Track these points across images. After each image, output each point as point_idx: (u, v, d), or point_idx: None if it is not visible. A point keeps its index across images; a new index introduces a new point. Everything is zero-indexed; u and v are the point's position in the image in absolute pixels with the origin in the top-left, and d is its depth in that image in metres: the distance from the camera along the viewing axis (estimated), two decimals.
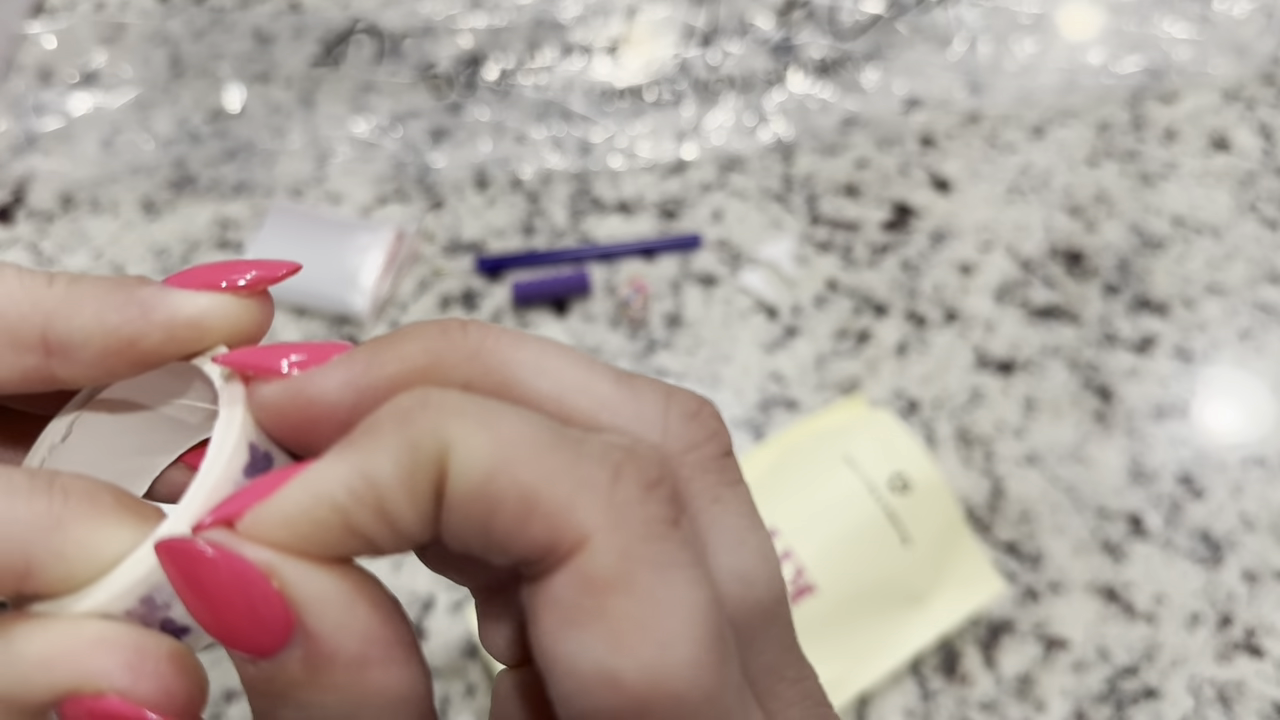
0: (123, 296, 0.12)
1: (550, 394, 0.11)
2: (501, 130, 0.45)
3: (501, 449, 0.10)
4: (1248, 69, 0.47)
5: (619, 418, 0.11)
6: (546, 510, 0.10)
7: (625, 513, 0.10)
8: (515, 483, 0.10)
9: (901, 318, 0.41)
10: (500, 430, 0.10)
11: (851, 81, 0.47)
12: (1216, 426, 0.38)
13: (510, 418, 0.10)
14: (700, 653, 0.10)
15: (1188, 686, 0.33)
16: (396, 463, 0.10)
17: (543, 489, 0.10)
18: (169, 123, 0.46)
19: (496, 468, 0.10)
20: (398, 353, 0.11)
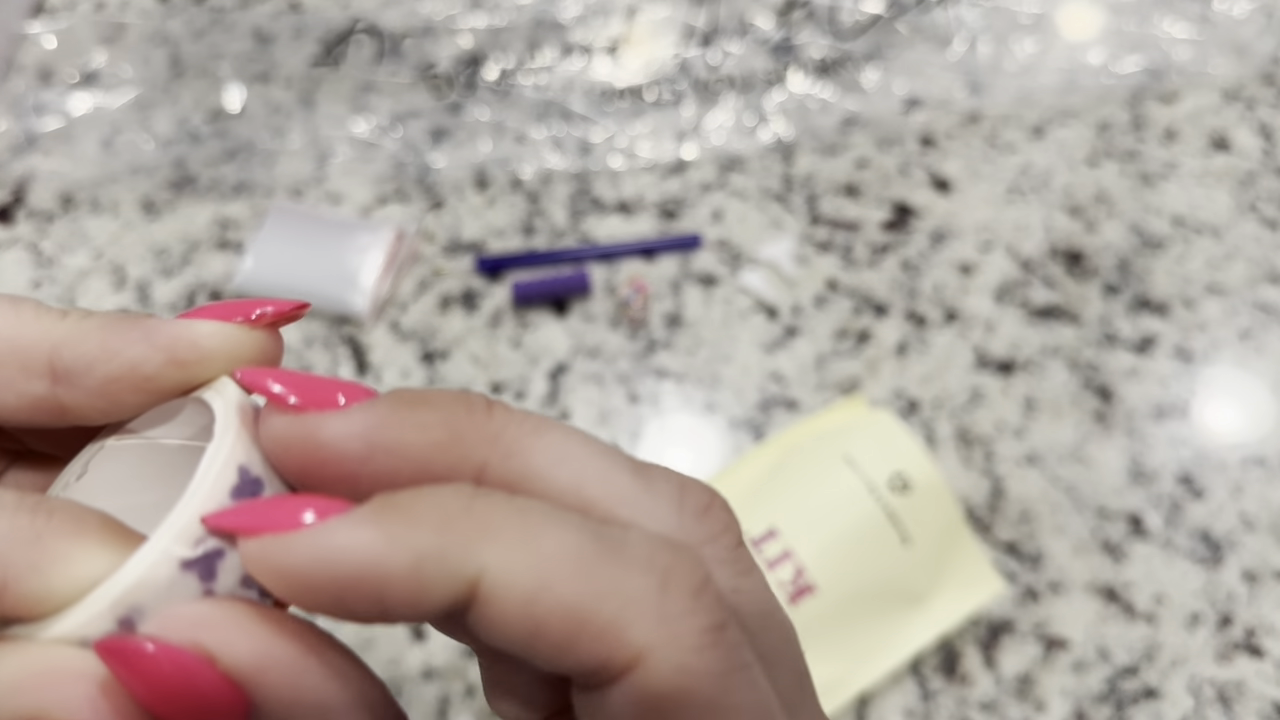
0: (128, 324, 0.12)
1: (569, 485, 0.11)
2: (501, 130, 0.45)
3: (545, 569, 0.10)
4: (1248, 69, 0.47)
5: (636, 510, 0.11)
6: (597, 630, 0.10)
7: (678, 626, 0.10)
8: (561, 604, 0.10)
9: (901, 318, 0.41)
10: (542, 547, 0.10)
11: (851, 81, 0.47)
12: (1216, 426, 0.38)
13: (552, 530, 0.10)
14: None
15: (1188, 686, 0.33)
16: (423, 566, 0.10)
17: (591, 607, 0.10)
18: (169, 123, 0.46)
19: (540, 590, 0.10)
20: (419, 419, 0.11)
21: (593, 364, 0.40)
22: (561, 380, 0.39)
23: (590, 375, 0.39)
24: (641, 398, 0.39)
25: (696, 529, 0.12)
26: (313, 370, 0.40)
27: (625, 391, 0.39)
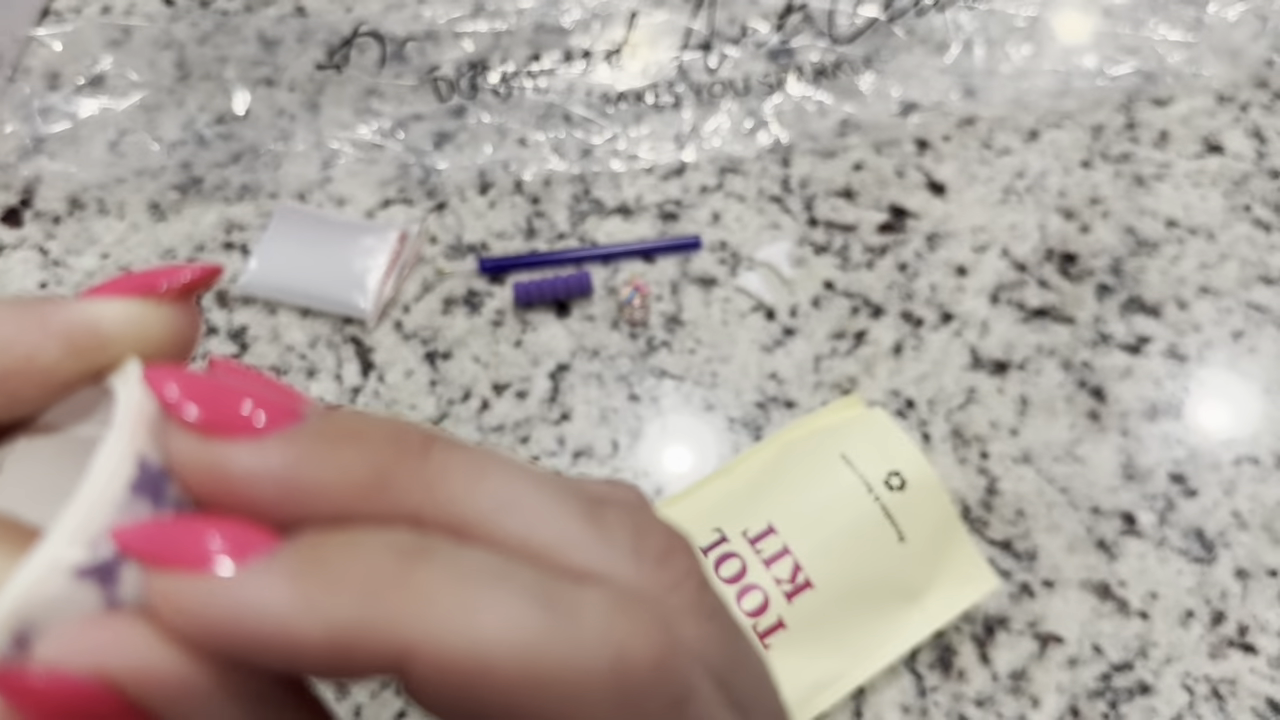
0: (21, 310, 0.10)
1: (518, 533, 0.10)
2: (504, 133, 0.46)
3: (484, 652, 0.09)
4: (1241, 72, 0.48)
5: (590, 558, 0.10)
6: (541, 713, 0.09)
7: (635, 710, 0.09)
8: (502, 691, 0.09)
9: (897, 318, 0.41)
10: (483, 626, 0.09)
11: (848, 85, 0.47)
12: (1209, 426, 0.39)
13: (496, 602, 0.09)
14: None
15: (1181, 683, 0.34)
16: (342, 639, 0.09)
17: (537, 696, 0.09)
18: (175, 126, 0.46)
19: (478, 674, 0.09)
20: (341, 460, 0.10)
21: (593, 364, 0.40)
22: (562, 380, 0.40)
23: (591, 375, 0.40)
24: (641, 397, 0.39)
25: (657, 577, 0.11)
26: (317, 370, 0.40)
27: (625, 391, 0.39)
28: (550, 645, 0.09)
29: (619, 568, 0.10)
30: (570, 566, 0.10)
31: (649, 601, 0.10)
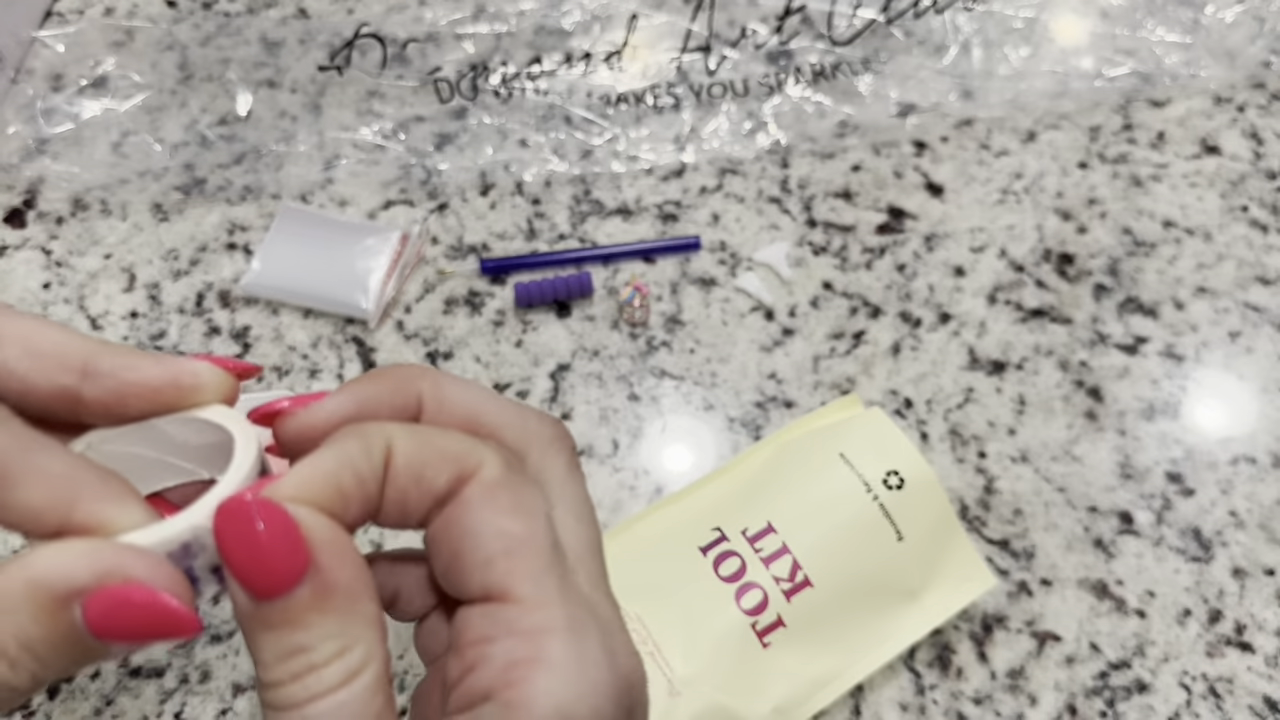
0: (146, 353, 0.16)
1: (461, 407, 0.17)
2: (505, 135, 0.46)
3: (424, 437, 0.16)
4: (1237, 74, 0.48)
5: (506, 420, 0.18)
6: (456, 455, 0.16)
7: (499, 458, 0.16)
8: (437, 449, 0.16)
9: (896, 319, 0.41)
10: (418, 431, 0.16)
11: (847, 87, 0.47)
12: (1206, 425, 0.39)
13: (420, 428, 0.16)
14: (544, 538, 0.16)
15: (1178, 681, 0.34)
16: (365, 445, 0.15)
17: (449, 449, 0.16)
18: (178, 127, 0.47)
19: (423, 445, 0.16)
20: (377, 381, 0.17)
21: (594, 364, 0.40)
22: (563, 380, 0.40)
23: (591, 375, 0.40)
24: (641, 397, 0.40)
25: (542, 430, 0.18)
26: (320, 370, 0.40)
27: (625, 391, 0.40)
28: (451, 440, 0.16)
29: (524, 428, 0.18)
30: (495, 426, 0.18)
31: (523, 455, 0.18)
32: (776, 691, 0.31)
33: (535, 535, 0.15)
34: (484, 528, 0.15)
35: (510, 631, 0.14)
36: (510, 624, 0.15)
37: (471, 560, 0.15)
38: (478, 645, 0.15)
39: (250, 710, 0.33)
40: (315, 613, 0.14)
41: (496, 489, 0.16)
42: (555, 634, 0.14)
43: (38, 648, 0.13)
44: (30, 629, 0.13)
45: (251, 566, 0.13)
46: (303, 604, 0.14)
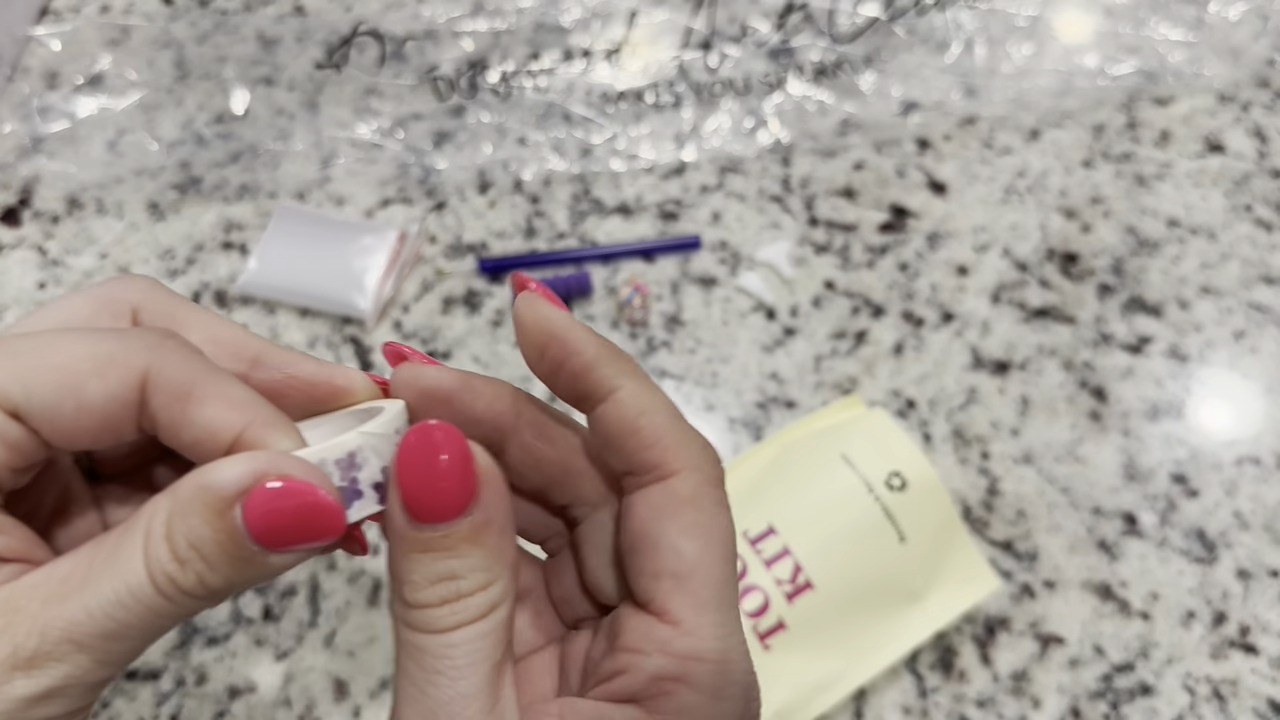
0: (308, 355, 0.18)
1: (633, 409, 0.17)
2: (503, 133, 0.46)
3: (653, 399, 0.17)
4: (1242, 72, 0.47)
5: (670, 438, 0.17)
6: (664, 445, 0.17)
7: (702, 473, 0.16)
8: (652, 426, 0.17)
9: (898, 318, 0.41)
10: (647, 387, 0.17)
11: (849, 85, 0.47)
12: (1211, 426, 0.38)
13: (657, 391, 0.18)
14: None
15: (1182, 683, 0.33)
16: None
17: (661, 437, 0.17)
18: (174, 125, 0.46)
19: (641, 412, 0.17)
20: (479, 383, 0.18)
21: None
22: None
23: None
24: None
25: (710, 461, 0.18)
26: None
27: None
28: (692, 484, 0.16)
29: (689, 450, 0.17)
30: None
31: None
32: (778, 695, 0.31)
33: (708, 564, 0.16)
34: (662, 540, 0.16)
35: (664, 650, 0.15)
36: (665, 644, 0.15)
37: (642, 567, 0.16)
38: (631, 653, 0.15)
39: (246, 713, 0.33)
40: (470, 544, 0.15)
41: (684, 505, 0.16)
42: (704, 664, 0.15)
43: (205, 548, 0.14)
44: (200, 529, 0.14)
45: (424, 490, 0.14)
46: (461, 533, 0.15)
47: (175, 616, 0.15)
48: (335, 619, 0.35)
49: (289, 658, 0.34)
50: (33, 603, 0.14)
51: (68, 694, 0.14)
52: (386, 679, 0.34)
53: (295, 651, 0.34)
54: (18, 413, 0.14)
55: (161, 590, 0.14)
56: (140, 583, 0.14)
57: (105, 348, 0.15)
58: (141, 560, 0.14)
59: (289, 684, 0.34)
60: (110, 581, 0.14)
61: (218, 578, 0.14)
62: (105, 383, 0.15)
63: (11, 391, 0.14)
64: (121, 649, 0.14)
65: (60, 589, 0.14)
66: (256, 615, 0.35)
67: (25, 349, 0.15)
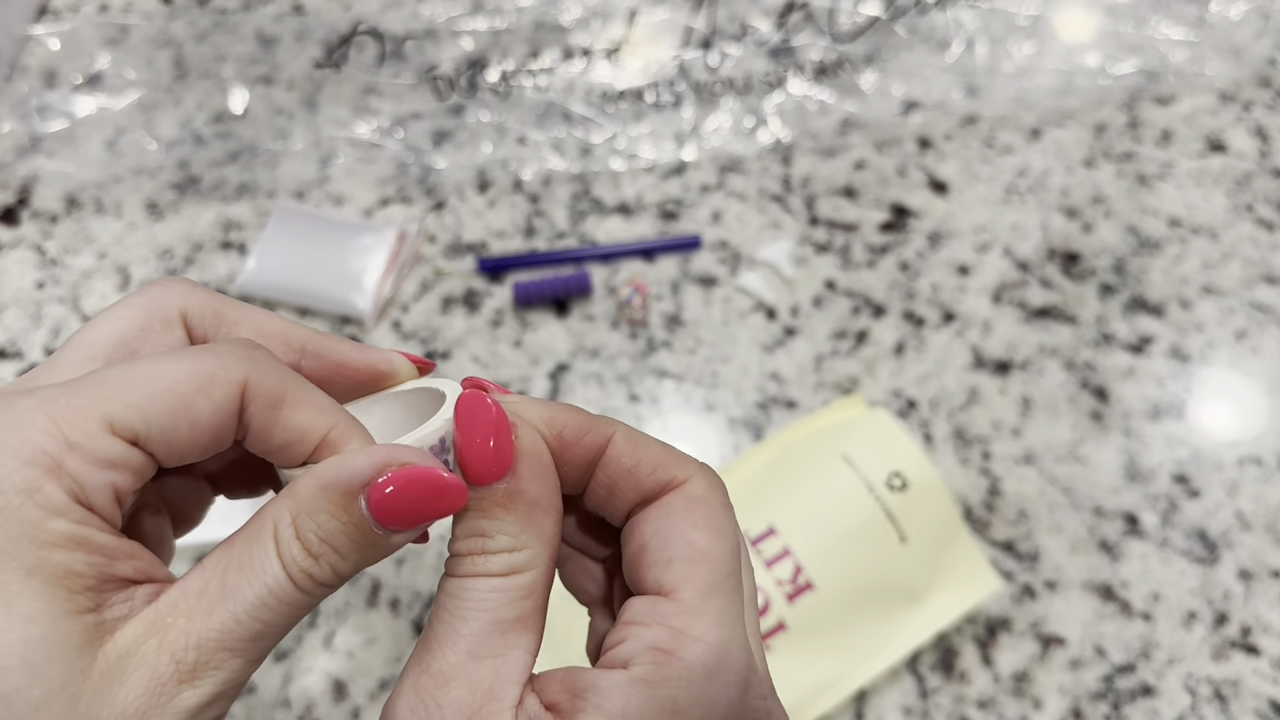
0: (353, 341, 0.20)
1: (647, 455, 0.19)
2: (503, 132, 0.46)
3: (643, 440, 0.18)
4: (1244, 71, 0.47)
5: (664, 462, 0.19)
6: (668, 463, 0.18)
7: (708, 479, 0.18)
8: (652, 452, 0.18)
9: (899, 318, 0.41)
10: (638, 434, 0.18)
11: (850, 84, 0.47)
12: (1213, 426, 0.38)
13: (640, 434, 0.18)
14: None
15: (1184, 684, 0.33)
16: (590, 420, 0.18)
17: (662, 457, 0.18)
18: (173, 124, 0.46)
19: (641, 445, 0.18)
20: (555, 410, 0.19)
21: (593, 364, 0.40)
22: (562, 380, 0.40)
23: (591, 375, 0.40)
24: (641, 397, 0.39)
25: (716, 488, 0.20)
26: None
27: (625, 391, 0.39)
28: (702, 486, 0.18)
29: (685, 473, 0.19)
30: None
31: None
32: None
33: (718, 554, 0.17)
34: (674, 534, 0.17)
35: (663, 623, 0.16)
36: (665, 617, 0.16)
37: (654, 559, 0.17)
38: (633, 625, 0.16)
39: (246, 713, 0.33)
40: (501, 509, 0.16)
41: (696, 504, 0.17)
42: (700, 644, 0.16)
43: (336, 540, 0.16)
44: (329, 524, 0.15)
45: (469, 452, 0.16)
46: (494, 498, 0.16)
47: (310, 606, 0.16)
48: (335, 619, 0.35)
49: (289, 658, 0.34)
50: (180, 618, 0.15)
51: (226, 697, 0.15)
52: (386, 679, 0.34)
53: (295, 651, 0.34)
54: (137, 440, 0.15)
55: (300, 586, 0.15)
56: (280, 583, 0.15)
57: (205, 366, 0.16)
58: (278, 562, 0.15)
59: (289, 684, 0.33)
60: (251, 587, 0.15)
61: (348, 565, 0.16)
62: (212, 400, 0.16)
63: (131, 420, 0.15)
64: (266, 646, 0.16)
65: (201, 603, 0.15)
66: None
67: (132, 378, 0.16)
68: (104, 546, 0.15)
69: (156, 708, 0.14)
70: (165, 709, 0.14)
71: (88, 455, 0.15)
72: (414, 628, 0.34)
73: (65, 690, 0.14)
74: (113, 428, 0.15)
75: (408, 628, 0.34)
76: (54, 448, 0.14)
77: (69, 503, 0.14)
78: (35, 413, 0.15)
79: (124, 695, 0.14)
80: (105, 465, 0.15)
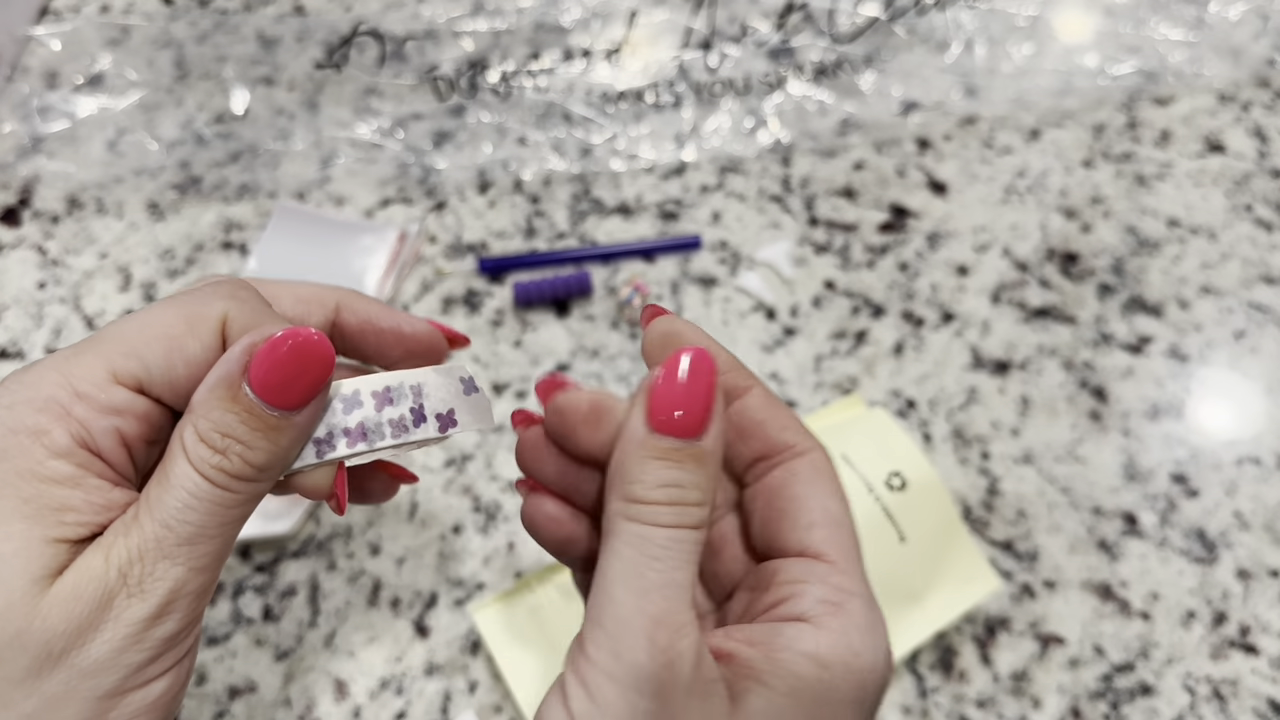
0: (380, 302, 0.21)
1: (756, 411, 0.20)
2: (503, 132, 0.46)
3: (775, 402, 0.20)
4: (1242, 72, 0.47)
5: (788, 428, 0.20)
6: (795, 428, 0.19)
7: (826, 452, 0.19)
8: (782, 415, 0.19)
9: (898, 318, 0.41)
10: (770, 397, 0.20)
11: (849, 84, 0.47)
12: (1211, 426, 0.38)
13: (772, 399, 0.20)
14: None
15: (1183, 683, 0.33)
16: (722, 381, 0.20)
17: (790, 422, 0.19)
18: (174, 125, 0.46)
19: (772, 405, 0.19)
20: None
21: (593, 364, 0.40)
22: None
23: (591, 375, 0.40)
24: None
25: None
26: None
27: (626, 391, 0.39)
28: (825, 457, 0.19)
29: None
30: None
31: None
32: None
33: (849, 522, 0.18)
34: (812, 500, 0.18)
35: (824, 581, 0.17)
36: (824, 576, 0.17)
37: (795, 521, 0.18)
38: (794, 584, 0.17)
39: (246, 713, 0.33)
40: (697, 463, 0.17)
41: (823, 473, 0.18)
42: (858, 599, 0.17)
43: (235, 431, 0.16)
44: (223, 419, 0.16)
45: (683, 402, 0.17)
46: (693, 452, 0.17)
47: (242, 504, 0.17)
48: (335, 619, 0.35)
49: (289, 658, 0.34)
50: (119, 537, 0.16)
51: (177, 607, 0.16)
52: (386, 679, 0.34)
53: (295, 651, 0.34)
54: (141, 386, 0.17)
55: (216, 482, 0.16)
56: (196, 483, 0.16)
57: (189, 308, 0.17)
58: (188, 465, 0.16)
59: (289, 684, 0.34)
60: (172, 494, 0.16)
61: (259, 454, 0.16)
62: (199, 337, 0.17)
63: (132, 368, 0.16)
64: (208, 549, 0.16)
65: (135, 520, 0.16)
66: (256, 615, 0.35)
67: (125, 330, 0.17)
68: (99, 487, 0.16)
69: (108, 620, 0.15)
70: (118, 620, 0.16)
71: (94, 403, 0.16)
72: (414, 627, 0.34)
73: (24, 603, 0.15)
74: (116, 377, 0.16)
75: (408, 627, 0.34)
76: (64, 397, 0.16)
77: (72, 446, 0.16)
78: (49, 370, 0.16)
79: (78, 610, 0.15)
80: (110, 412, 0.16)
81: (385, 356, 0.21)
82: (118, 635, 0.15)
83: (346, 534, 0.36)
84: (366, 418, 0.18)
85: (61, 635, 0.15)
